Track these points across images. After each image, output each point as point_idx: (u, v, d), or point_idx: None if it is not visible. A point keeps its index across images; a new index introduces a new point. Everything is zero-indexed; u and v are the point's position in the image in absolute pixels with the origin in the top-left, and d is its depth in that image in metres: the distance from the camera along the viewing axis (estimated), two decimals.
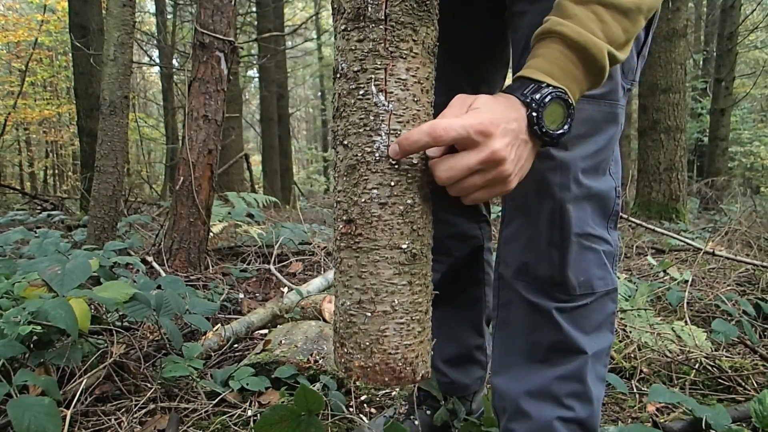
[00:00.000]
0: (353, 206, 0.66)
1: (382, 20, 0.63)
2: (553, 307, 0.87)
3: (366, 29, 0.63)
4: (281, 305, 2.09)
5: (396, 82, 0.64)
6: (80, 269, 1.38)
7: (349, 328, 0.68)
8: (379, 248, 0.65)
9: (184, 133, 2.93)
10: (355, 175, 0.66)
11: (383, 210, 0.65)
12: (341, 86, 0.66)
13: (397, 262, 0.66)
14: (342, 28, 0.66)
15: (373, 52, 0.64)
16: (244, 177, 8.50)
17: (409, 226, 0.66)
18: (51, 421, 1.04)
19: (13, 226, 3.74)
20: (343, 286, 0.68)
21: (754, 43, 13.97)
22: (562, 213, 0.83)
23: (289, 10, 16.42)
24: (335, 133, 0.68)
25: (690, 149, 11.63)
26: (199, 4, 2.86)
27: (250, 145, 21.35)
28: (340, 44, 0.66)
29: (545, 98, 0.66)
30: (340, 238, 0.68)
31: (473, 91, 1.06)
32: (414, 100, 0.65)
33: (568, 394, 0.88)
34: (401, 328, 0.67)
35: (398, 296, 0.66)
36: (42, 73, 13.12)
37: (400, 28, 0.64)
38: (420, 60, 0.66)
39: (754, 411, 1.24)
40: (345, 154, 0.67)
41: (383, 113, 0.64)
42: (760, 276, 2.59)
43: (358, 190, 0.66)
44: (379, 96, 0.64)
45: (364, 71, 0.64)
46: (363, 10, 0.63)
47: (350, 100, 0.65)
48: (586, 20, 0.68)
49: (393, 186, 0.65)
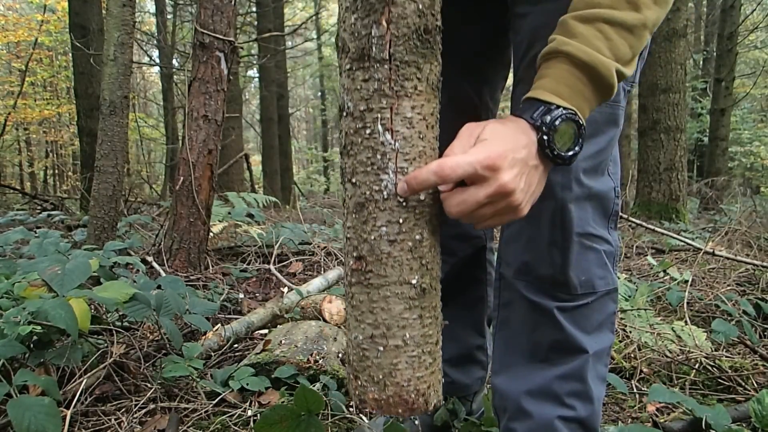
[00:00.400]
0: (363, 243, 0.67)
1: (387, 60, 0.64)
2: (554, 306, 0.87)
3: (371, 69, 0.64)
4: (281, 305, 2.09)
5: (402, 120, 0.65)
6: (80, 269, 1.38)
7: (363, 361, 0.70)
8: (390, 284, 0.67)
9: (184, 133, 2.93)
10: (364, 212, 0.66)
11: (392, 247, 0.66)
12: (348, 124, 0.67)
13: (407, 297, 0.67)
14: (347, 67, 0.66)
15: (378, 92, 0.64)
16: (244, 177, 8.49)
17: (418, 261, 0.67)
18: (51, 421, 1.04)
19: (13, 226, 3.74)
20: (355, 320, 0.69)
21: (754, 43, 13.97)
22: (564, 213, 0.83)
23: (289, 10, 16.42)
24: (343, 170, 0.69)
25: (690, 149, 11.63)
26: (199, 4, 2.86)
27: (250, 145, 21.35)
28: (346, 83, 0.67)
29: (555, 120, 0.66)
30: (350, 274, 0.69)
31: (475, 91, 1.08)
32: (420, 137, 0.66)
33: (568, 394, 0.88)
34: (413, 360, 0.68)
35: (409, 330, 0.68)
36: (42, 73, 13.12)
37: (405, 67, 0.64)
38: (425, 97, 0.66)
39: (753, 411, 1.24)
40: (353, 192, 0.67)
41: (390, 152, 0.65)
42: (760, 276, 2.59)
43: (367, 228, 0.67)
44: (385, 135, 0.65)
45: (370, 110, 0.65)
46: (367, 50, 0.64)
47: (357, 139, 0.66)
48: (592, 38, 0.67)
49: (401, 223, 0.66)
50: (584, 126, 0.69)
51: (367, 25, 0.63)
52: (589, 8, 0.69)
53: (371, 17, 0.63)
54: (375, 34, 0.63)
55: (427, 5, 0.65)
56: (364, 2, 0.63)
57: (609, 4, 0.68)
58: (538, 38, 0.83)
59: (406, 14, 0.63)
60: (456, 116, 1.07)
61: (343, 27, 0.66)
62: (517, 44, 0.90)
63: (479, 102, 1.09)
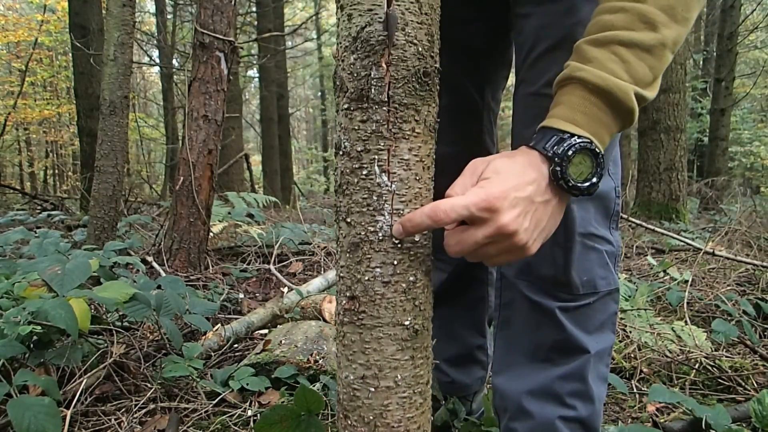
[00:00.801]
0: (356, 283, 0.67)
1: (385, 102, 0.64)
2: (556, 306, 0.87)
3: (369, 110, 0.64)
4: (281, 305, 2.09)
5: (399, 162, 0.65)
6: (80, 269, 1.38)
7: (353, 401, 0.69)
8: (383, 325, 0.67)
9: (184, 133, 2.93)
10: (359, 253, 0.66)
11: (386, 288, 0.66)
12: (344, 164, 0.67)
13: (399, 338, 0.67)
14: (345, 106, 0.66)
15: (376, 134, 0.64)
16: (244, 177, 8.50)
17: (411, 302, 0.67)
18: (51, 421, 1.04)
19: (13, 226, 3.74)
20: (347, 359, 0.69)
21: (754, 43, 13.96)
22: (567, 213, 0.83)
23: (289, 10, 16.42)
24: (338, 208, 0.69)
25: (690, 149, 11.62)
26: (199, 4, 2.86)
27: (250, 145, 21.34)
28: (343, 122, 0.67)
29: (568, 150, 0.63)
30: (343, 313, 0.69)
31: (477, 91, 1.08)
32: (416, 179, 0.66)
33: (570, 393, 0.88)
34: (404, 401, 0.68)
35: (401, 371, 0.68)
36: (42, 73, 13.12)
37: (403, 109, 0.64)
38: (422, 138, 0.66)
39: (753, 411, 1.24)
40: (348, 232, 0.67)
41: (386, 194, 0.65)
42: (760, 276, 2.59)
43: (361, 268, 0.67)
44: (382, 177, 0.65)
45: (367, 152, 0.65)
46: (366, 92, 0.64)
47: (353, 179, 0.66)
48: (608, 62, 0.65)
49: (396, 264, 0.66)
50: (602, 155, 0.66)
51: (366, 66, 0.63)
52: (603, 31, 0.66)
53: (371, 58, 0.63)
54: (374, 75, 0.63)
55: (426, 47, 0.65)
56: (364, 43, 0.63)
57: (624, 26, 0.65)
58: (540, 39, 0.84)
59: (406, 57, 0.63)
60: (458, 116, 1.07)
61: (342, 66, 0.66)
62: (519, 44, 0.90)
63: (481, 102, 1.09)
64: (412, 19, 0.63)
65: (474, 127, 1.10)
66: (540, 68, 0.84)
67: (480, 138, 1.11)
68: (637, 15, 0.65)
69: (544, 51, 0.84)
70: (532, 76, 0.86)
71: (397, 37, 0.63)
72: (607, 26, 0.66)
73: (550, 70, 0.82)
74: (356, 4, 0.63)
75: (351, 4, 0.64)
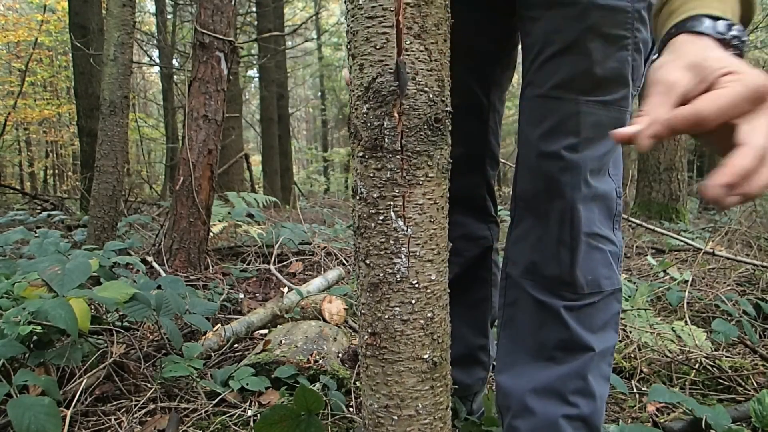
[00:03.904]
0: (377, 321, 0.70)
1: (399, 150, 0.65)
2: (561, 305, 0.88)
3: (383, 159, 0.66)
4: (281, 305, 2.09)
5: (414, 207, 0.67)
6: (80, 269, 1.38)
7: (378, 427, 0.73)
8: (403, 360, 0.70)
9: (184, 133, 2.93)
10: (378, 293, 0.69)
11: (405, 326, 0.69)
12: (361, 208, 0.69)
13: (419, 371, 0.70)
14: (360, 154, 0.68)
15: (391, 181, 0.66)
16: (244, 177, 8.49)
17: (429, 337, 0.70)
18: (51, 421, 1.04)
19: (13, 226, 3.74)
20: (370, 389, 0.73)
21: (754, 43, 13.97)
22: (573, 212, 0.85)
23: (289, 10, 16.42)
24: (357, 249, 0.72)
25: (690, 149, 11.62)
26: (199, 4, 2.86)
27: (250, 145, 21.35)
28: (358, 168, 0.69)
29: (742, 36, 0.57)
30: (365, 348, 0.73)
31: (483, 93, 1.09)
32: (430, 221, 0.68)
33: (573, 392, 0.89)
34: (425, 427, 0.72)
35: (422, 401, 0.71)
36: (42, 73, 13.11)
37: (416, 156, 0.66)
38: (435, 182, 0.68)
39: (753, 411, 1.24)
40: (367, 272, 0.70)
41: (402, 237, 0.67)
42: (760, 276, 2.59)
43: (381, 307, 0.69)
44: (398, 222, 0.67)
45: (383, 198, 0.67)
46: (380, 141, 0.65)
47: (370, 224, 0.68)
48: None
49: (414, 303, 0.69)
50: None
51: (379, 116, 0.65)
52: None
53: (383, 109, 0.64)
54: (387, 125, 0.64)
55: (437, 93, 0.66)
56: (376, 94, 0.64)
57: None
58: (549, 42, 0.85)
59: (418, 105, 0.65)
60: (466, 117, 1.07)
61: (355, 114, 0.68)
62: (527, 47, 0.91)
63: (487, 103, 1.09)
64: (422, 67, 0.65)
65: (480, 128, 1.10)
66: (548, 71, 0.86)
67: (486, 138, 1.11)
68: None
69: (552, 54, 0.85)
70: (539, 79, 0.88)
71: (408, 87, 0.64)
72: None
73: (558, 73, 0.84)
74: (367, 54, 0.64)
75: (362, 54, 0.65)
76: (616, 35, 0.82)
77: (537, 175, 0.88)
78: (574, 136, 0.84)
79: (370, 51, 0.64)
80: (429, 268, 0.69)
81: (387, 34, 0.63)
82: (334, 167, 23.39)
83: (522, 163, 0.92)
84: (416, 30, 0.63)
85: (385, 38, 0.63)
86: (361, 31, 0.64)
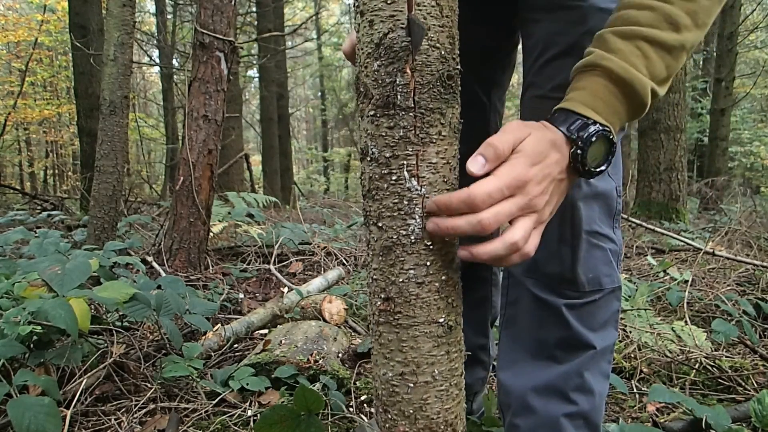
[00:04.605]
0: (391, 285, 0.68)
1: (412, 108, 0.64)
2: (562, 303, 0.89)
3: (396, 117, 0.64)
4: (281, 305, 2.09)
5: (427, 166, 0.66)
6: (80, 269, 1.38)
7: (392, 396, 0.71)
8: (419, 324, 0.68)
9: (184, 133, 2.93)
10: (392, 256, 0.68)
11: (420, 288, 0.68)
12: (372, 170, 0.68)
13: (435, 335, 0.69)
14: (371, 113, 0.66)
15: (404, 139, 0.65)
16: (244, 177, 8.49)
17: (444, 300, 0.69)
18: (51, 421, 1.04)
19: (13, 226, 3.74)
20: (384, 357, 0.71)
21: (754, 43, 13.97)
22: (574, 210, 0.85)
23: (289, 10, 16.42)
24: (367, 213, 0.70)
25: (690, 149, 11.63)
26: (199, 4, 2.86)
27: (250, 145, 21.35)
28: (369, 128, 0.67)
29: (591, 137, 0.66)
30: (378, 314, 0.71)
31: (484, 94, 1.10)
32: (444, 181, 0.67)
33: (573, 389, 0.89)
34: (441, 394, 0.71)
35: (438, 366, 0.70)
36: (42, 73, 13.12)
37: (429, 114, 0.65)
38: (448, 141, 0.67)
39: (753, 411, 1.24)
40: (380, 236, 0.68)
41: (416, 197, 0.66)
42: (760, 276, 2.59)
43: (395, 270, 0.68)
44: (411, 181, 0.65)
45: (396, 157, 0.65)
46: (392, 98, 0.64)
47: (383, 185, 0.67)
48: (631, 55, 0.67)
49: (429, 265, 0.67)
50: (616, 144, 0.69)
51: (391, 72, 0.63)
52: (629, 25, 0.68)
53: (395, 65, 0.63)
54: (399, 82, 0.63)
55: (448, 50, 0.65)
56: (388, 50, 0.63)
57: (649, 24, 0.67)
58: (550, 45, 0.86)
59: (430, 62, 0.64)
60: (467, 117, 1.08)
61: (365, 72, 0.66)
62: (529, 48, 0.91)
63: (488, 104, 1.10)
64: (434, 23, 0.63)
65: (481, 128, 1.11)
66: (548, 73, 0.87)
67: (486, 138, 1.12)
68: (663, 15, 0.67)
69: (552, 56, 0.86)
70: (540, 80, 0.88)
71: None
72: (632, 21, 0.68)
73: (559, 75, 0.85)
74: (377, 10, 0.63)
75: (372, 9, 0.64)
76: None
77: None
78: None
79: (380, 6, 0.63)
80: None
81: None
82: (334, 167, 23.39)
83: None
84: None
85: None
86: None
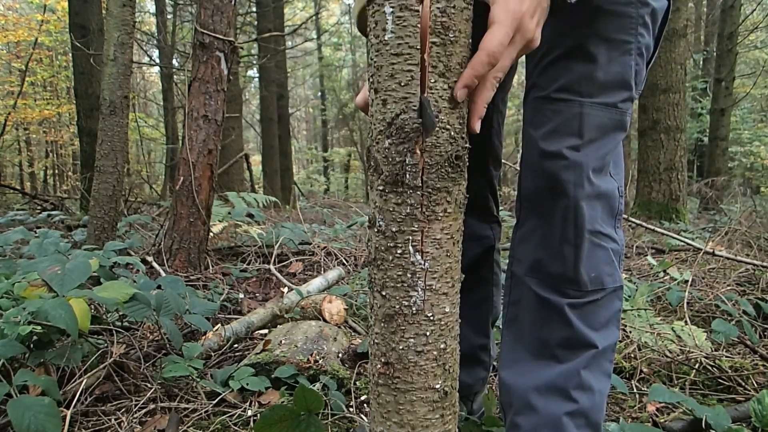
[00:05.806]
0: (391, 351, 0.71)
1: (420, 187, 0.66)
2: (564, 303, 0.89)
3: (404, 194, 0.66)
4: (281, 305, 2.09)
5: (432, 242, 0.68)
6: (80, 269, 1.38)
7: None
8: (416, 389, 0.71)
9: (184, 133, 2.93)
10: (393, 324, 0.70)
11: (419, 357, 0.70)
12: (379, 240, 0.70)
13: (431, 400, 0.72)
14: (380, 188, 0.68)
15: (410, 216, 0.67)
16: (244, 177, 8.49)
17: (441, 367, 0.72)
18: (51, 421, 1.04)
19: (13, 226, 3.74)
20: (381, 416, 0.74)
21: (754, 43, 13.96)
22: (577, 210, 0.86)
23: (289, 10, 16.41)
24: (372, 281, 0.72)
25: (690, 149, 11.63)
26: (199, 4, 2.86)
27: (250, 145, 21.35)
28: (378, 201, 0.69)
29: None
30: (378, 376, 0.74)
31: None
32: (447, 255, 0.69)
33: (574, 388, 0.89)
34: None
35: (432, 429, 0.72)
36: (42, 73, 13.12)
37: (436, 193, 0.67)
38: (453, 217, 0.69)
39: (753, 411, 1.24)
40: (383, 303, 0.71)
41: (420, 271, 0.68)
42: (760, 276, 2.59)
43: (395, 338, 0.70)
44: (416, 256, 0.68)
45: (402, 232, 0.67)
46: (401, 177, 0.66)
47: (388, 256, 0.69)
48: None
49: (428, 335, 0.70)
50: None
51: (401, 152, 0.65)
52: None
53: (406, 145, 0.65)
54: (409, 162, 0.65)
55: (458, 131, 0.67)
56: (399, 130, 0.64)
57: None
58: (554, 46, 0.86)
59: (439, 143, 0.65)
60: None
61: (376, 148, 0.68)
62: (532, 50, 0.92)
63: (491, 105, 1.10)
64: (445, 105, 0.65)
65: (484, 129, 1.11)
66: (552, 74, 0.87)
67: (489, 139, 1.12)
68: None
69: (556, 58, 0.87)
70: (543, 81, 0.89)
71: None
72: None
73: (562, 76, 0.86)
74: (391, 90, 0.65)
75: (386, 89, 0.65)
76: (620, 40, 0.85)
77: (540, 174, 0.89)
78: (576, 137, 0.86)
79: (394, 87, 0.64)
80: (444, 300, 0.71)
81: (412, 71, 0.63)
82: (334, 167, 23.39)
83: (526, 164, 0.93)
84: (441, 69, 0.64)
85: (410, 75, 0.64)
86: (385, 66, 0.65)
